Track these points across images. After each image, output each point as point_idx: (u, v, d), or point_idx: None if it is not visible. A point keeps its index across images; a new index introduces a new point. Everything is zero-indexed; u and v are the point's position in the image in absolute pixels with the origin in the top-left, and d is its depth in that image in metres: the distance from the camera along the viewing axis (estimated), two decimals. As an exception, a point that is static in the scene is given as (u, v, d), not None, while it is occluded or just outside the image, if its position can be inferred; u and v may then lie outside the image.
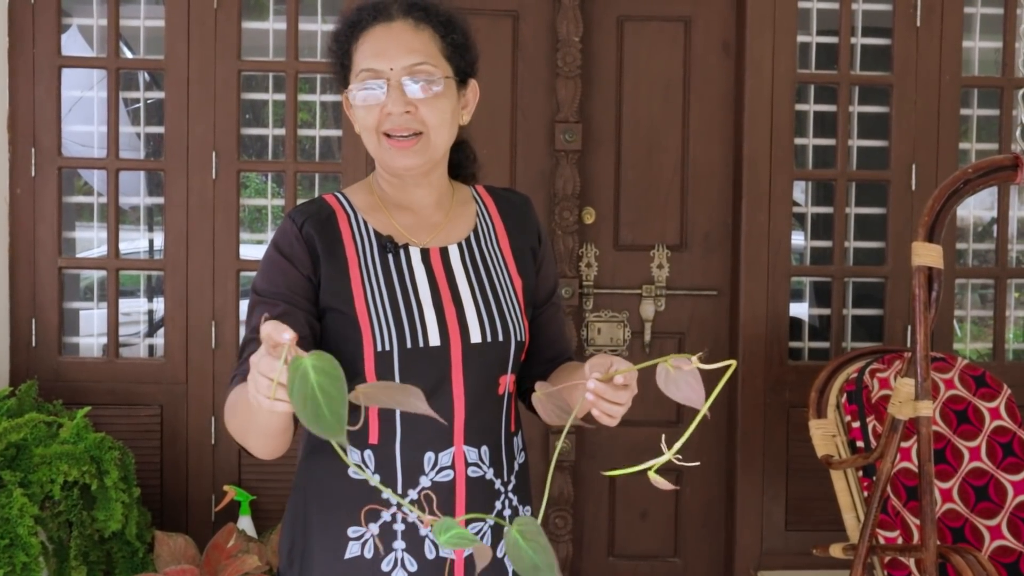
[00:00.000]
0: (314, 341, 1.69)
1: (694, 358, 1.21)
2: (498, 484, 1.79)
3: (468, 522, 1.74)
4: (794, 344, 3.91)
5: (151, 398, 3.70)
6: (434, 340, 1.71)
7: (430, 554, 1.74)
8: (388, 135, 1.73)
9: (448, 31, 1.79)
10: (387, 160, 1.75)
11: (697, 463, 1.23)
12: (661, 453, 1.19)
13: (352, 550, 1.73)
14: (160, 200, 3.78)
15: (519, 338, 1.79)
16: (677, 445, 1.17)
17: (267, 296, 1.70)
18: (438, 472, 1.73)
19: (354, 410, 1.60)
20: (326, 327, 1.72)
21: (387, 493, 1.30)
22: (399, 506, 1.72)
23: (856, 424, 3.04)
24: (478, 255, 1.83)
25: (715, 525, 3.93)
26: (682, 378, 1.23)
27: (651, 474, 1.18)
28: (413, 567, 1.73)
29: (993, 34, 3.93)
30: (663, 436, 1.27)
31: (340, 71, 1.80)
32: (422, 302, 1.74)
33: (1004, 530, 3.01)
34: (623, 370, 1.47)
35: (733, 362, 1.18)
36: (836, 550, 2.98)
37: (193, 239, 3.69)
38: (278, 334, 1.15)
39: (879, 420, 3.00)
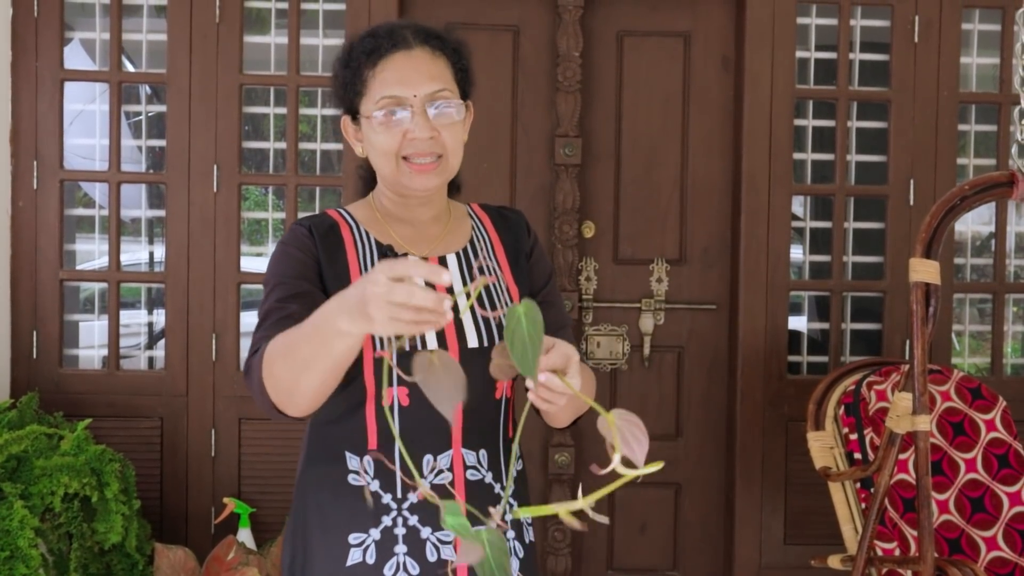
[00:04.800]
0: None
1: (640, 470, 1.19)
2: (497, 488, 1.82)
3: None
4: (793, 358, 3.92)
5: (151, 410, 3.70)
6: (431, 345, 1.75)
7: (431, 557, 1.76)
8: (406, 158, 1.78)
9: (458, 58, 1.85)
10: (405, 182, 1.80)
11: (606, 519, 1.20)
12: (666, 465, 1.21)
13: (354, 557, 1.75)
14: (161, 213, 3.80)
15: None
16: (592, 497, 1.16)
17: (286, 279, 1.74)
18: (437, 475, 1.76)
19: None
20: None
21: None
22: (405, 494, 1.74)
23: (854, 436, 3.05)
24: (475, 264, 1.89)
25: (714, 538, 3.94)
26: (629, 429, 1.22)
27: (582, 511, 1.18)
28: (415, 570, 1.75)
29: (991, 50, 3.95)
30: (579, 487, 1.27)
31: (350, 96, 1.83)
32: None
33: (1000, 541, 3.01)
34: (567, 383, 1.43)
35: (660, 463, 1.17)
36: (834, 561, 2.99)
37: (194, 251, 3.71)
38: (438, 276, 1.26)
39: (876, 432, 3.01)
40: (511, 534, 1.86)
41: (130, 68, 4.02)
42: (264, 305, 1.72)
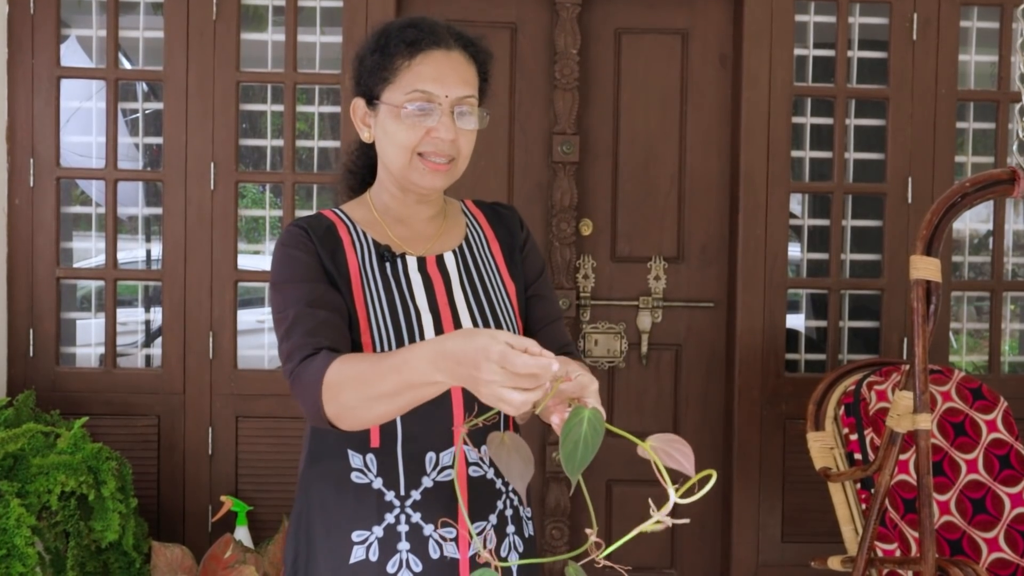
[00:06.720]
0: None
1: (672, 493, 1.27)
2: (499, 484, 1.84)
3: (472, 521, 1.78)
4: (790, 356, 3.92)
5: (148, 408, 3.69)
6: (428, 335, 1.76)
7: (434, 554, 1.76)
8: (421, 155, 1.78)
9: (484, 68, 1.87)
10: (415, 178, 1.80)
11: (687, 520, 1.28)
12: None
13: (357, 554, 1.76)
14: (158, 210, 3.79)
15: None
16: (665, 508, 1.23)
17: (299, 281, 1.74)
18: (440, 472, 1.77)
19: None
20: None
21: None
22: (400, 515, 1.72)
23: (854, 437, 3.04)
24: (471, 261, 1.90)
25: (711, 536, 3.94)
26: (671, 446, 1.30)
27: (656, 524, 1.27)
28: (418, 567, 1.76)
29: (989, 48, 3.95)
30: (650, 500, 1.35)
31: (373, 81, 1.81)
32: (419, 307, 1.79)
33: (1002, 542, 3.01)
34: (620, 432, 1.44)
35: (713, 472, 1.23)
36: (835, 562, 2.98)
37: (191, 249, 3.70)
38: (549, 364, 1.37)
39: (877, 432, 3.01)
40: (511, 528, 1.86)
41: (127, 65, 4.00)
42: (286, 311, 1.72)
